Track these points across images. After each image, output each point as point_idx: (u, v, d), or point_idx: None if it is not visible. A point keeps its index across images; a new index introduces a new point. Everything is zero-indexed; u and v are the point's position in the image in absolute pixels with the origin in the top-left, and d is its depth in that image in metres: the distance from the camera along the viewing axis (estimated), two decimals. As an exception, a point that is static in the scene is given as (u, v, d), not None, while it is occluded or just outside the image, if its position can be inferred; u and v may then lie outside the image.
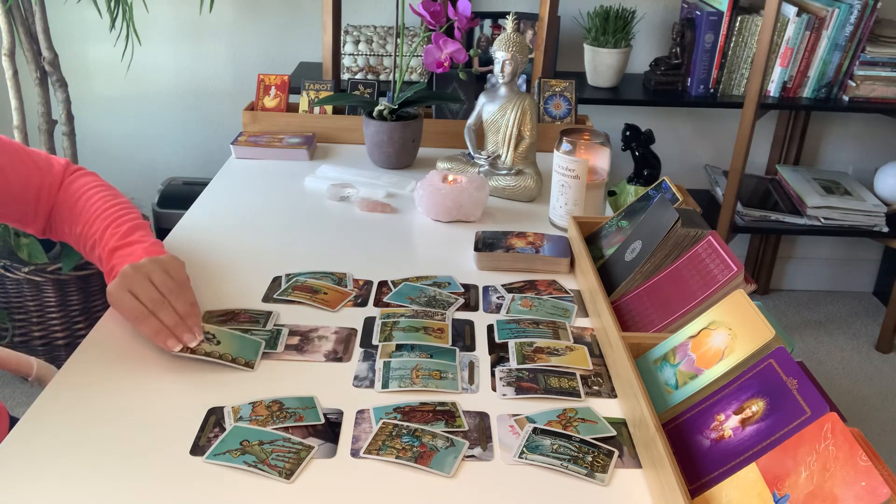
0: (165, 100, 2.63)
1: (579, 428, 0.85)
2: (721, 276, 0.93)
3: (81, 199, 1.10)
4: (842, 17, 2.21)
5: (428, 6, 1.43)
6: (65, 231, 1.11)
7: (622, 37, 2.32)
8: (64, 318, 2.20)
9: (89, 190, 1.11)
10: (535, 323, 1.05)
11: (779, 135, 2.68)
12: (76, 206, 1.09)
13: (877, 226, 2.38)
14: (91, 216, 1.07)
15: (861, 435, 0.64)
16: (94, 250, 1.06)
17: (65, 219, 1.10)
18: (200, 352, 0.93)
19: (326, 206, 1.42)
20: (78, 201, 1.10)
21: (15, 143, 1.07)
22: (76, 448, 0.80)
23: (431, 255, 1.25)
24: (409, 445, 0.81)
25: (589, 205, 1.30)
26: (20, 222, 1.11)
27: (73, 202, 1.10)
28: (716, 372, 0.81)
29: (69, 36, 2.49)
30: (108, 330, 1.01)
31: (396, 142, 1.56)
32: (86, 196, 1.10)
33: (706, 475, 0.73)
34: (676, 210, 1.02)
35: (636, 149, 2.42)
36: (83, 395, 0.88)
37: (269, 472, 0.77)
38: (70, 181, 1.12)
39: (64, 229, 1.11)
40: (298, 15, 2.52)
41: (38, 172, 1.08)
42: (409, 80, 2.31)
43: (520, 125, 1.44)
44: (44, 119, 2.24)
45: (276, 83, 1.73)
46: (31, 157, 1.09)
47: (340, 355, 0.97)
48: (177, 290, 0.94)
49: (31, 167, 1.08)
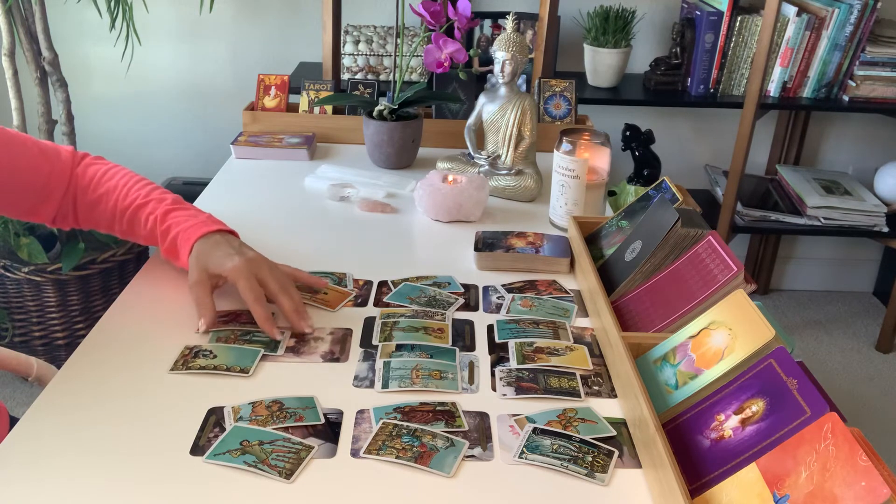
0: (165, 100, 2.63)
1: (579, 428, 0.85)
2: (721, 276, 0.93)
3: (105, 176, 1.11)
4: (842, 17, 2.21)
5: (428, 6, 1.43)
6: (85, 214, 1.11)
7: (622, 37, 2.32)
8: (64, 318, 2.20)
9: (110, 170, 1.12)
10: (535, 323, 1.05)
11: (779, 135, 2.68)
12: (101, 184, 1.10)
13: (877, 226, 2.38)
14: (124, 188, 1.09)
15: (861, 435, 0.64)
16: (137, 216, 1.07)
17: (89, 200, 1.10)
18: (195, 366, 0.93)
19: (326, 206, 1.42)
20: (102, 178, 1.10)
21: (20, 135, 1.07)
22: (76, 448, 0.80)
23: (431, 255, 1.25)
24: (409, 445, 0.81)
25: (589, 205, 1.30)
26: (31, 213, 1.10)
27: (98, 182, 1.10)
28: (716, 372, 0.81)
29: (69, 36, 2.49)
30: (108, 330, 1.01)
31: (396, 142, 1.56)
32: (110, 174, 1.11)
33: (706, 475, 0.73)
34: (676, 210, 1.02)
35: (636, 149, 2.42)
36: (83, 395, 0.88)
37: (269, 472, 0.77)
38: (85, 165, 1.12)
39: (81, 212, 1.11)
40: (298, 15, 2.52)
41: (46, 160, 1.08)
42: (409, 80, 2.31)
43: (520, 125, 1.44)
44: (44, 119, 2.24)
45: (276, 83, 1.73)
46: (38, 145, 1.09)
47: (337, 356, 0.97)
48: (290, 286, 1.03)
49: (37, 155, 1.08)
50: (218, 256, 1.01)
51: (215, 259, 1.01)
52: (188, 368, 0.92)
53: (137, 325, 1.02)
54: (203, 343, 0.98)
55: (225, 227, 1.08)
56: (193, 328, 1.01)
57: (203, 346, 0.97)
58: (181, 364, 0.93)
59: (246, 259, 1.01)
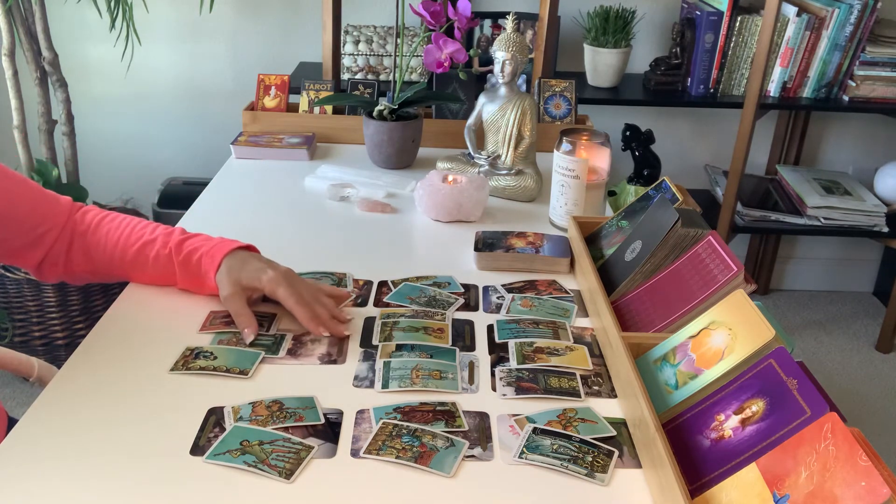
0: (165, 100, 2.63)
1: (579, 428, 0.85)
2: (721, 276, 0.93)
3: (105, 219, 1.10)
4: (842, 17, 2.21)
5: (428, 6, 1.43)
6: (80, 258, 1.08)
7: (622, 37, 2.32)
8: (64, 318, 2.20)
9: (109, 215, 1.11)
10: (535, 323, 1.05)
11: (779, 135, 2.68)
12: (101, 226, 1.09)
13: (877, 226, 2.38)
14: (127, 227, 1.08)
15: (861, 435, 0.64)
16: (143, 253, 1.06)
17: (87, 243, 1.08)
18: (195, 367, 0.93)
19: (326, 206, 1.42)
20: (102, 221, 1.09)
21: (20, 175, 1.06)
22: (76, 448, 0.80)
23: (431, 255, 1.25)
24: (409, 445, 0.81)
25: (589, 205, 1.30)
26: (15, 255, 1.06)
27: (98, 224, 1.09)
28: (716, 372, 0.81)
29: (69, 36, 2.49)
30: (108, 330, 1.01)
31: (396, 142, 1.56)
32: (110, 217, 1.10)
33: (706, 475, 0.73)
34: (676, 210, 1.02)
35: (636, 149, 2.42)
36: (83, 395, 0.88)
37: (269, 472, 0.77)
38: (83, 211, 1.11)
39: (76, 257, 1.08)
40: (298, 15, 2.52)
41: (46, 202, 1.07)
42: (409, 80, 2.31)
43: (520, 125, 1.44)
44: (44, 119, 2.24)
45: (276, 83, 1.73)
46: (40, 188, 1.08)
47: (335, 357, 0.97)
48: (322, 295, 1.06)
49: (39, 196, 1.06)
50: (250, 270, 1.03)
51: (248, 273, 1.03)
52: (188, 369, 0.93)
53: (137, 325, 1.02)
54: (204, 344, 0.98)
55: (244, 244, 1.08)
56: (193, 329, 1.01)
57: (204, 347, 0.97)
58: (181, 364, 0.93)
59: (280, 271, 1.03)
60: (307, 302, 1.02)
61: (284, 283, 1.02)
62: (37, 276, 1.10)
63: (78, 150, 2.34)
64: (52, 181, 2.19)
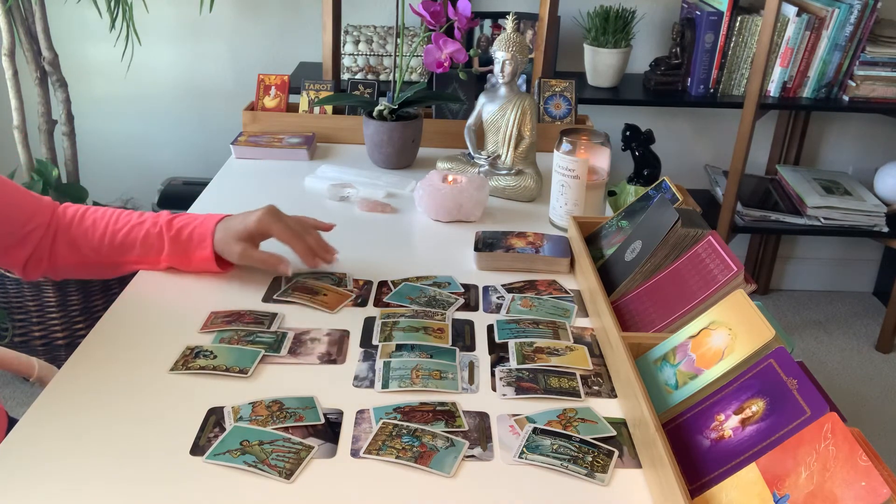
0: (165, 100, 2.63)
1: (579, 428, 0.85)
2: (721, 276, 0.93)
3: (88, 212, 1.12)
4: (842, 17, 2.21)
5: (428, 6, 1.43)
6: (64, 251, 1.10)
7: (622, 37, 2.32)
8: (64, 318, 2.20)
9: (91, 207, 1.14)
10: (535, 323, 1.05)
11: (779, 135, 2.68)
12: (85, 218, 1.11)
13: (877, 226, 2.38)
14: (112, 215, 1.12)
15: (861, 435, 0.64)
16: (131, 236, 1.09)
17: (72, 235, 1.09)
18: (195, 367, 0.93)
19: (326, 206, 1.42)
20: (86, 213, 1.11)
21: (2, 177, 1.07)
22: (76, 448, 0.80)
23: (431, 255, 1.25)
24: (409, 445, 0.81)
25: (589, 205, 1.30)
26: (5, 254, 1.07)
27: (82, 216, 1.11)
28: (716, 372, 0.81)
29: (69, 36, 2.49)
30: (108, 330, 1.01)
31: (396, 142, 1.56)
32: (93, 209, 1.13)
33: (706, 475, 0.73)
34: (676, 210, 1.02)
35: (636, 149, 2.42)
36: (83, 395, 0.88)
37: (269, 472, 0.77)
38: (65, 206, 1.13)
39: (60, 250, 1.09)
40: (298, 15, 2.52)
41: (32, 201, 1.09)
42: (409, 80, 2.31)
43: (520, 125, 1.44)
44: (44, 119, 2.24)
45: (276, 83, 1.73)
46: (22, 188, 1.09)
47: (335, 357, 0.97)
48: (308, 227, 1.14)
49: (23, 195, 1.08)
50: (239, 222, 1.09)
51: (237, 225, 1.09)
52: (188, 368, 0.93)
53: (137, 325, 1.02)
54: (204, 343, 0.98)
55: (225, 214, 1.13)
56: (194, 328, 1.01)
57: (204, 346, 0.97)
58: (181, 364, 0.93)
59: (264, 210, 1.10)
60: (299, 234, 1.10)
61: (274, 219, 1.09)
62: (21, 274, 1.11)
63: (78, 150, 2.34)
64: (52, 181, 2.19)
